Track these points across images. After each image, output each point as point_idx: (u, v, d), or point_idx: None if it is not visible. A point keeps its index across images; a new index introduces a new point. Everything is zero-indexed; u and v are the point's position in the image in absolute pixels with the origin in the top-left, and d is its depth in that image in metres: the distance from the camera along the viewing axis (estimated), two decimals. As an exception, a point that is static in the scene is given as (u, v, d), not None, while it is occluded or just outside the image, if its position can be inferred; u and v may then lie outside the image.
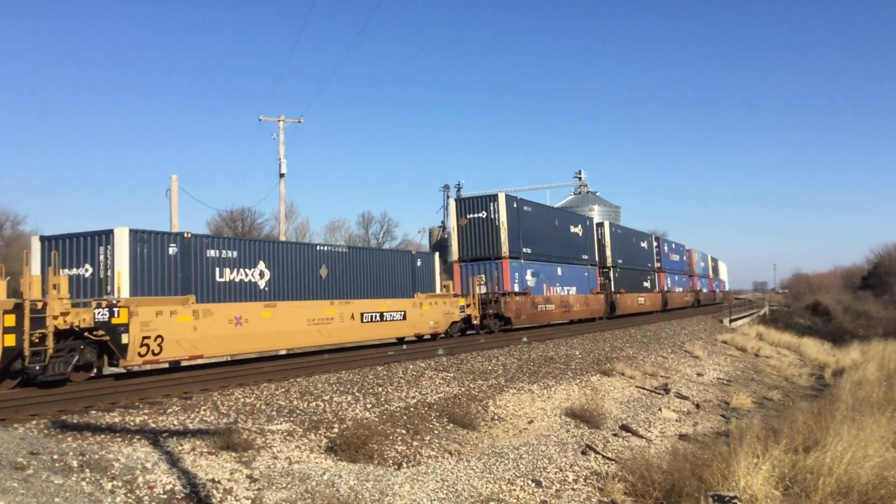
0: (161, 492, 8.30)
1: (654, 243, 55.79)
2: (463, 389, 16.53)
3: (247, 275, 18.98)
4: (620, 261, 45.08)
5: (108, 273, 15.93)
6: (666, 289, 56.57)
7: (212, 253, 18.06)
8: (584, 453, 13.84)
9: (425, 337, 26.62)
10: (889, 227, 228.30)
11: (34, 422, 10.42)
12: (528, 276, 32.08)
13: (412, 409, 14.25)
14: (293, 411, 12.78)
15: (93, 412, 11.35)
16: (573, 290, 37.28)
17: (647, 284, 51.40)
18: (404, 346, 24.01)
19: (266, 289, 19.50)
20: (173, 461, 9.25)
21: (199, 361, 18.89)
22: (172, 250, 17.03)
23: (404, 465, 11.16)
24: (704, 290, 77.38)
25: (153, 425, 10.87)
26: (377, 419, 13.03)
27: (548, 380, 19.09)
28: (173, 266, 17.02)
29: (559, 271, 35.93)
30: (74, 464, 8.50)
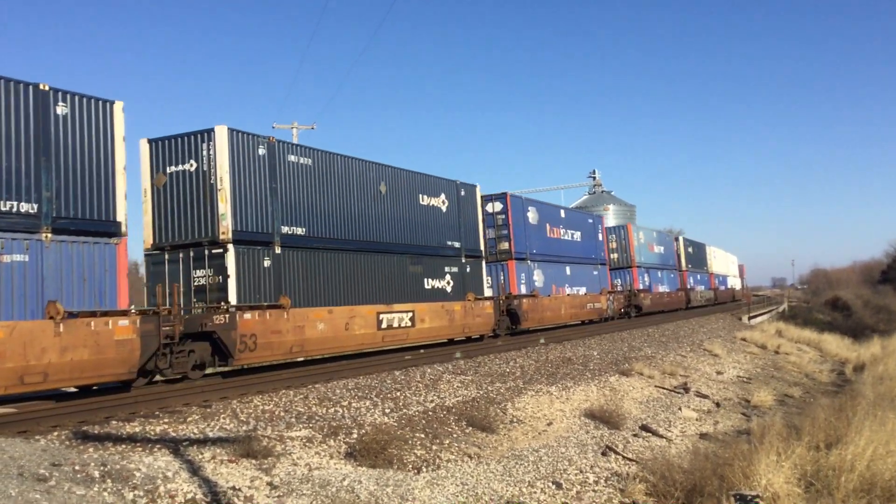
0: (182, 500, 8.34)
1: (495, 207, 29.19)
2: (481, 392, 16.51)
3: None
4: (291, 229, 18.59)
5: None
6: (525, 291, 29.53)
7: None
8: (604, 454, 13.77)
9: None
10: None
11: (56, 433, 10.50)
12: None
13: (431, 413, 14.25)
14: (312, 417, 12.82)
15: (113, 422, 11.44)
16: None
17: (440, 284, 24.22)
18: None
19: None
20: (194, 469, 9.31)
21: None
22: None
23: (424, 470, 11.16)
24: (662, 289, 49.51)
25: (173, 434, 10.93)
26: (396, 424, 13.03)
27: (566, 381, 19.02)
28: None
29: None
30: (96, 474, 8.57)
